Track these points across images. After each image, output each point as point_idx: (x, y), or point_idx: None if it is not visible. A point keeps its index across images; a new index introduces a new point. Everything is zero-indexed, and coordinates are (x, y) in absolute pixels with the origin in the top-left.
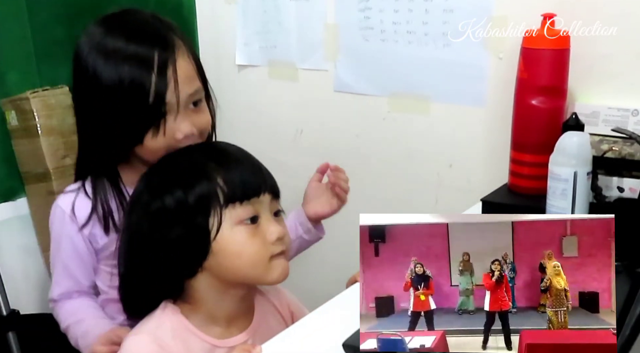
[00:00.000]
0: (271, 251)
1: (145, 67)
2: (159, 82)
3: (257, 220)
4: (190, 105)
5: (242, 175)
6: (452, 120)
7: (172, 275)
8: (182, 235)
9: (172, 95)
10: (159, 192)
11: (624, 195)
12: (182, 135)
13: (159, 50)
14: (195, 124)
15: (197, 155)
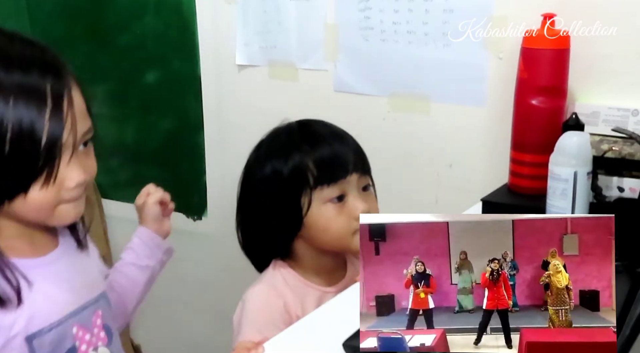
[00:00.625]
0: (355, 226)
1: (37, 103)
2: (53, 119)
3: (344, 198)
4: (81, 146)
5: (330, 158)
6: (452, 120)
7: (276, 238)
8: (279, 208)
9: (68, 135)
10: (261, 166)
11: (624, 195)
12: (74, 183)
13: (51, 81)
14: (87, 169)
15: (293, 136)
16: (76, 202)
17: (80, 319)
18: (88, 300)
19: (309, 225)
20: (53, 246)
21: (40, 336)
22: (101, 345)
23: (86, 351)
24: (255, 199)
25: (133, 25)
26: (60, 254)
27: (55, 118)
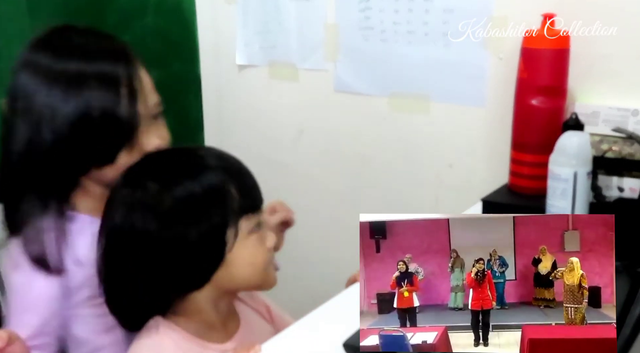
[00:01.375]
0: (271, 256)
1: (114, 85)
2: (129, 94)
3: (260, 227)
4: (152, 119)
5: (251, 184)
6: (452, 120)
7: (175, 288)
8: (195, 247)
9: (142, 106)
10: (169, 193)
11: (624, 195)
12: (151, 147)
13: (122, 64)
14: (160, 137)
15: (197, 159)
16: None
17: None
18: None
19: (230, 262)
20: None
21: None
22: None
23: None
24: (151, 235)
25: (133, 25)
26: None
27: (130, 95)
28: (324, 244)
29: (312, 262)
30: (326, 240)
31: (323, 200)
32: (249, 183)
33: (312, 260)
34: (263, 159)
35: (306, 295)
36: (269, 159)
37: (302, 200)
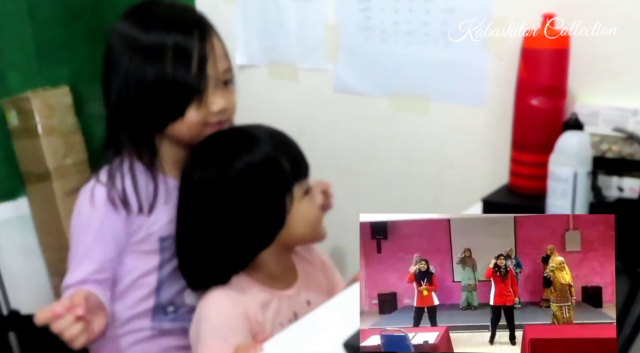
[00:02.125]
0: (320, 214)
1: (189, 36)
2: (201, 51)
3: (310, 190)
4: (221, 83)
5: (298, 155)
6: (452, 120)
7: (245, 248)
8: (260, 213)
9: (212, 68)
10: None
11: (624, 195)
12: (218, 108)
13: (197, 27)
14: (228, 101)
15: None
16: (221, 126)
17: None
18: None
19: (290, 222)
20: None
21: (169, 240)
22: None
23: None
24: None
25: None
26: None
27: (202, 50)
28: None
29: None
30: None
31: None
32: (297, 154)
33: None
34: None
35: None
36: None
37: None
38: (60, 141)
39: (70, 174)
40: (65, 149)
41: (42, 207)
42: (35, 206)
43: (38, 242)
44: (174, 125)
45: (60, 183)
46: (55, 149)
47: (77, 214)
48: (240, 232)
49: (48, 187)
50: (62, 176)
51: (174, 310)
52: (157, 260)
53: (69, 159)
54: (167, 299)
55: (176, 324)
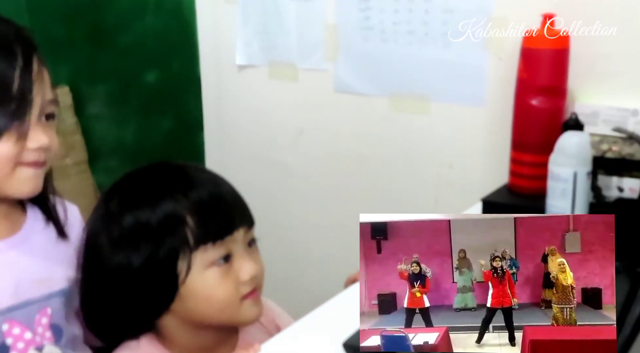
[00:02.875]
0: (242, 292)
1: (9, 57)
2: (24, 72)
3: (230, 259)
4: (43, 117)
5: (215, 212)
6: (452, 120)
7: (136, 314)
8: (145, 277)
9: (37, 94)
10: (120, 217)
11: (623, 195)
12: (37, 144)
13: (21, 45)
14: (51, 138)
15: (165, 183)
16: (36, 171)
17: (18, 316)
18: (32, 298)
19: (185, 296)
20: (7, 234)
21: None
22: (48, 344)
23: (24, 349)
24: (108, 265)
25: (133, 25)
26: (12, 245)
27: (25, 72)
28: (324, 244)
29: (312, 262)
30: (326, 240)
31: (323, 200)
32: (218, 211)
33: (312, 260)
34: (263, 159)
35: (306, 295)
36: (269, 159)
37: (301, 200)
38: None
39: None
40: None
41: None
42: None
43: None
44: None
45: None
46: None
47: None
48: (123, 291)
49: None
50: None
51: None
52: None
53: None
54: None
55: None
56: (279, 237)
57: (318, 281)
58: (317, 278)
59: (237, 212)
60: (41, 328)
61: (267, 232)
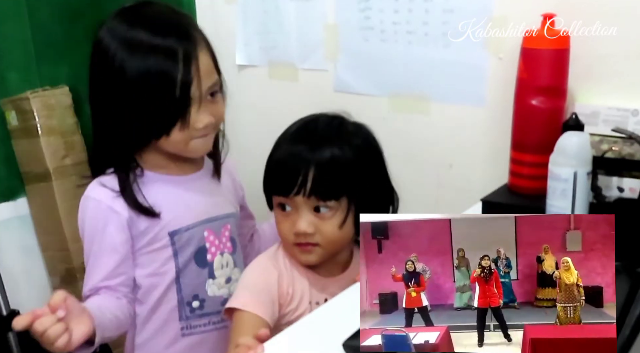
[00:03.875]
0: (293, 240)
1: (172, 60)
2: (184, 75)
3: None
4: (208, 96)
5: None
6: (452, 120)
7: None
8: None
9: (195, 89)
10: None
11: (624, 195)
12: (202, 124)
13: (183, 45)
14: (213, 113)
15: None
16: (204, 139)
17: (212, 227)
18: (219, 215)
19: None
20: (197, 169)
21: (179, 233)
22: (227, 252)
23: (214, 252)
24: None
25: None
26: (200, 176)
27: (185, 74)
28: None
29: None
30: None
31: None
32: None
33: None
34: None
35: None
36: None
37: None
38: (60, 141)
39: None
40: (65, 149)
41: (41, 207)
42: (35, 206)
43: (38, 242)
44: (159, 142)
45: (60, 184)
46: (54, 149)
47: (81, 222)
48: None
49: (48, 187)
50: (61, 176)
51: (199, 305)
52: (169, 254)
53: (68, 159)
54: (189, 293)
55: (204, 320)
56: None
57: None
58: None
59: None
60: (224, 238)
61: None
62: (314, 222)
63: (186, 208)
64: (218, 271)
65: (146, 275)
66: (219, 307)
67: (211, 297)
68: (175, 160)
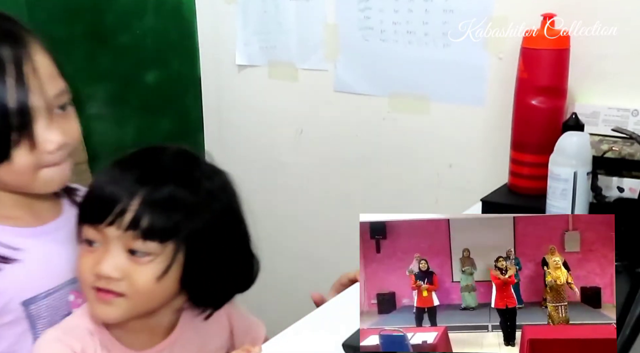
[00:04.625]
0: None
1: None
2: (17, 82)
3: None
4: (56, 109)
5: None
6: (452, 120)
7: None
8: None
9: (37, 97)
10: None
11: (624, 195)
12: (53, 146)
13: (9, 46)
14: (67, 132)
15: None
16: (60, 167)
17: (79, 287)
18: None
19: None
20: (55, 215)
21: (36, 301)
22: None
23: None
24: None
25: (133, 25)
26: (61, 224)
27: (18, 83)
28: (324, 244)
29: (312, 261)
30: (326, 239)
31: (323, 200)
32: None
33: (312, 259)
34: (263, 159)
35: (306, 295)
36: (269, 159)
37: (301, 200)
38: None
39: None
40: None
41: None
42: None
43: None
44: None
45: None
46: None
47: None
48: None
49: None
50: None
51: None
52: (25, 327)
53: None
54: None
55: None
56: (278, 237)
57: (317, 281)
58: (316, 278)
59: (109, 207)
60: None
61: (267, 231)
62: (124, 266)
63: (44, 269)
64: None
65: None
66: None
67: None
68: (27, 205)
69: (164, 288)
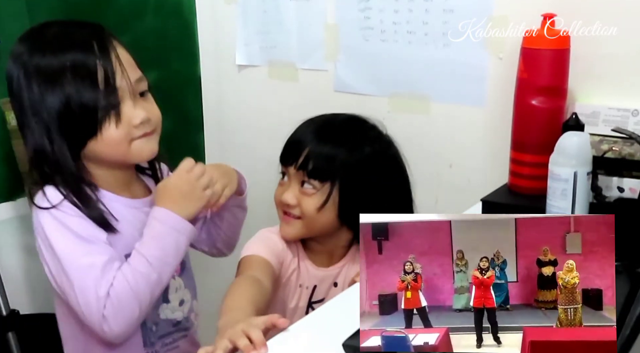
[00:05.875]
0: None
1: (88, 51)
2: (104, 64)
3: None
4: (137, 95)
5: (287, 143)
6: (452, 120)
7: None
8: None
9: (121, 80)
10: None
11: (624, 195)
12: (139, 120)
13: (97, 38)
14: (149, 110)
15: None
16: (147, 139)
17: None
18: None
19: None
20: (147, 193)
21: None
22: (176, 275)
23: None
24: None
25: (133, 25)
26: (152, 200)
27: (105, 63)
28: None
29: None
30: None
31: None
32: (287, 142)
33: None
34: (263, 159)
35: None
36: (269, 159)
37: None
38: None
39: None
40: None
41: None
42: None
43: None
44: (94, 145)
45: None
46: None
47: (42, 235)
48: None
49: None
50: None
51: (155, 327)
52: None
53: None
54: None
55: (158, 343)
56: None
57: None
58: None
59: (291, 153)
60: None
61: None
62: (298, 196)
63: (140, 233)
64: (172, 295)
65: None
66: (171, 328)
67: (164, 320)
68: (127, 182)
69: (325, 218)
